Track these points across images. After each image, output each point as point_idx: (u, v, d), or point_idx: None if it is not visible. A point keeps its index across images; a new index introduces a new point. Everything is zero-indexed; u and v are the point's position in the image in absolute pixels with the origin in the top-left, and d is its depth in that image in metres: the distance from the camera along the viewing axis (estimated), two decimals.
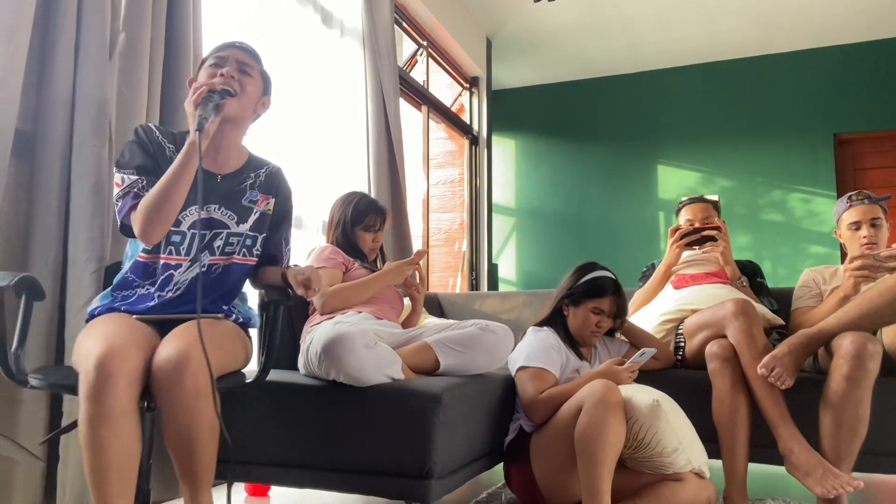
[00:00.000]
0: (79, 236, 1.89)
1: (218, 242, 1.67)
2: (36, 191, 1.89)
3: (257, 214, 1.74)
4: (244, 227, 1.71)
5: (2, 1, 1.75)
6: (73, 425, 1.40)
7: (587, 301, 2.18)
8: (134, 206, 1.53)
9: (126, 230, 1.57)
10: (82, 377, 1.31)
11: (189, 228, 1.63)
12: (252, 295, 1.89)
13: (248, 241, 1.72)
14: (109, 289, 1.65)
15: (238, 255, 1.71)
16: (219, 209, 1.67)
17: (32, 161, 1.90)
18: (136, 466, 1.36)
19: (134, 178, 1.56)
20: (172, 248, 1.62)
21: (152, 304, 1.59)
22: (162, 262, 1.61)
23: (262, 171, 1.79)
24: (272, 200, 1.77)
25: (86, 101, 1.93)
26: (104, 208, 1.93)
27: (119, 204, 1.56)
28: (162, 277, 1.61)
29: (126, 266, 1.65)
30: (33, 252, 1.87)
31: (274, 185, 1.80)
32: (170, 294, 1.62)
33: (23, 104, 1.82)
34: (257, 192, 1.74)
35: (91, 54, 1.94)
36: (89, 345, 1.35)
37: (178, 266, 1.62)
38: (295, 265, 1.74)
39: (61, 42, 1.91)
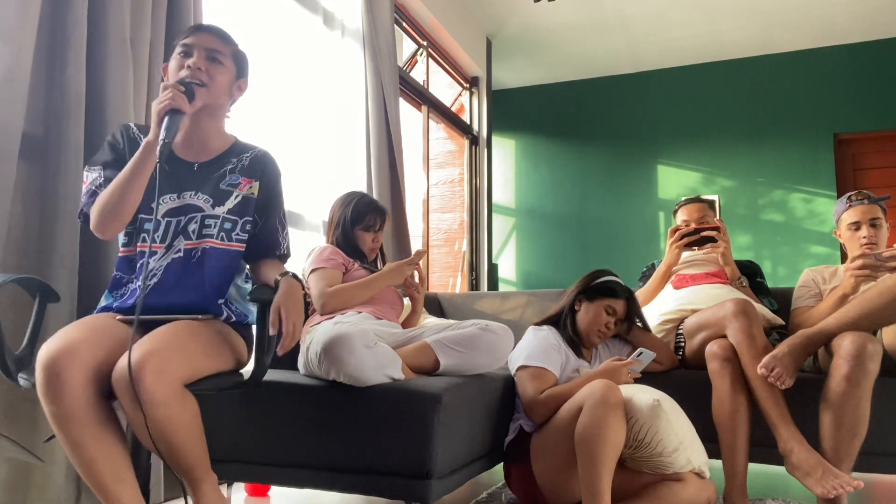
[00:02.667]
0: (95, 237, 1.89)
1: (192, 226, 1.64)
2: (50, 193, 1.89)
3: (239, 198, 1.70)
4: (221, 210, 1.67)
5: (6, 0, 1.75)
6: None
7: (603, 298, 2.22)
8: (92, 202, 1.57)
9: (88, 223, 1.60)
10: (36, 378, 1.31)
11: (164, 217, 1.63)
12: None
13: (227, 225, 1.68)
14: (107, 290, 1.65)
15: (216, 238, 1.66)
16: (194, 195, 1.66)
17: (47, 163, 1.89)
18: (125, 453, 1.36)
19: (96, 174, 1.60)
20: (146, 235, 1.61)
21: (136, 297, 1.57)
22: (138, 250, 1.61)
23: (247, 155, 1.77)
24: (256, 184, 1.74)
25: (99, 102, 1.92)
26: None
27: (84, 199, 1.60)
28: (139, 266, 1.60)
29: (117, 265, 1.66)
30: (50, 254, 1.86)
31: (258, 168, 1.76)
32: (149, 282, 1.59)
33: (32, 106, 1.81)
34: (238, 176, 1.72)
35: (104, 54, 1.93)
36: (45, 345, 1.34)
37: (153, 253, 1.61)
38: (290, 275, 1.64)
39: (72, 42, 1.90)
